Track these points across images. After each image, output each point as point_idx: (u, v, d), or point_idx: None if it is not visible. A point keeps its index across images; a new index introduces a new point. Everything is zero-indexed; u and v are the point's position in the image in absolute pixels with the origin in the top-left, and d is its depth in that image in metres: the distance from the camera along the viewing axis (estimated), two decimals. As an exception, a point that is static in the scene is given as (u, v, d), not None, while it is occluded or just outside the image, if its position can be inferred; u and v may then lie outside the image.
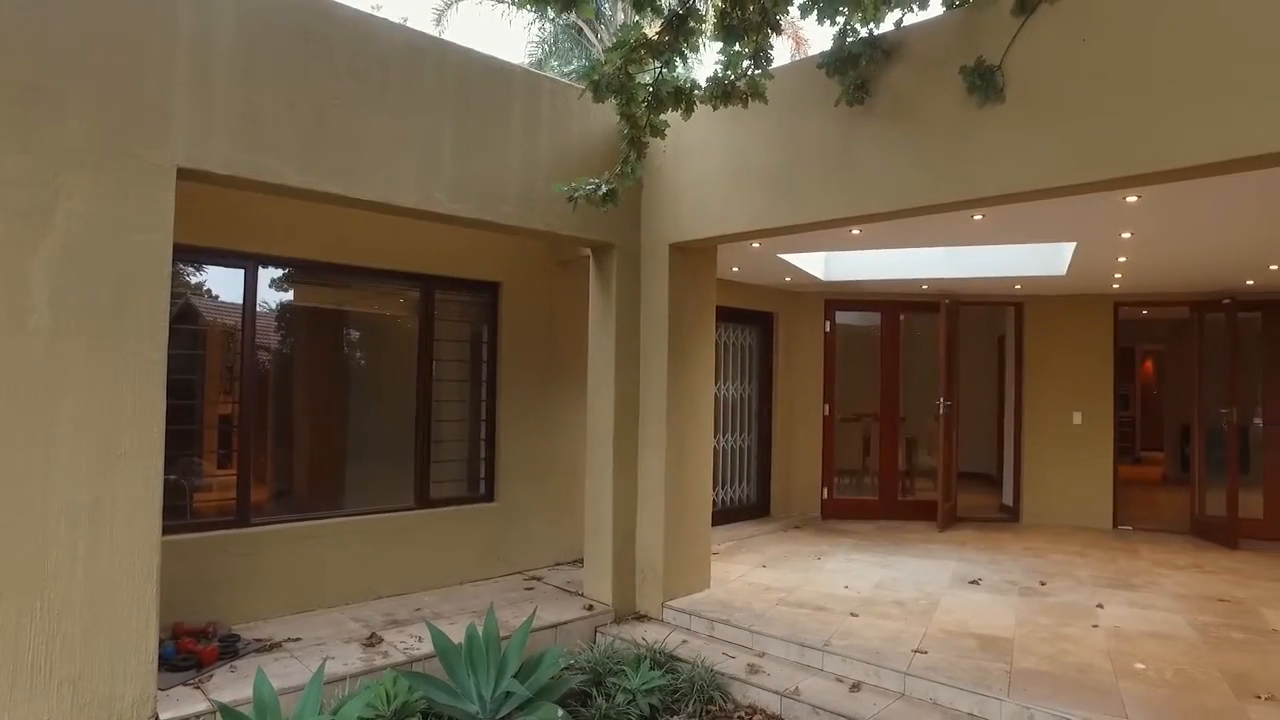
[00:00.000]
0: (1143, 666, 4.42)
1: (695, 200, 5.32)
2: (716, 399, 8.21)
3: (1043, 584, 6.16)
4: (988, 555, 7.18)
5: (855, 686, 4.36)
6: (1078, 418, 8.80)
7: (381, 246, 5.66)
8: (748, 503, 8.70)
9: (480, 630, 4.13)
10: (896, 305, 9.00)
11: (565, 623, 5.22)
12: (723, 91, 4.40)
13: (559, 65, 15.37)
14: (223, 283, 5.24)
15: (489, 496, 6.42)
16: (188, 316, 5.19)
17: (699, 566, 5.82)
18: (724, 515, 8.21)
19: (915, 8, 4.35)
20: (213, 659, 4.19)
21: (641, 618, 5.55)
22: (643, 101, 4.43)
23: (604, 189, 4.49)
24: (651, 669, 4.48)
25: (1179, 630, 5.08)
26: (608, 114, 5.03)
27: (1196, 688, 4.15)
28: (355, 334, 6.34)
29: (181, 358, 5.04)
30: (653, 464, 5.56)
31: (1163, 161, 3.43)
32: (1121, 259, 6.57)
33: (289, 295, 5.70)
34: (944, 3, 4.40)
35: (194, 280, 5.23)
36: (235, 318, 5.19)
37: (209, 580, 4.81)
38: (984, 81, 3.85)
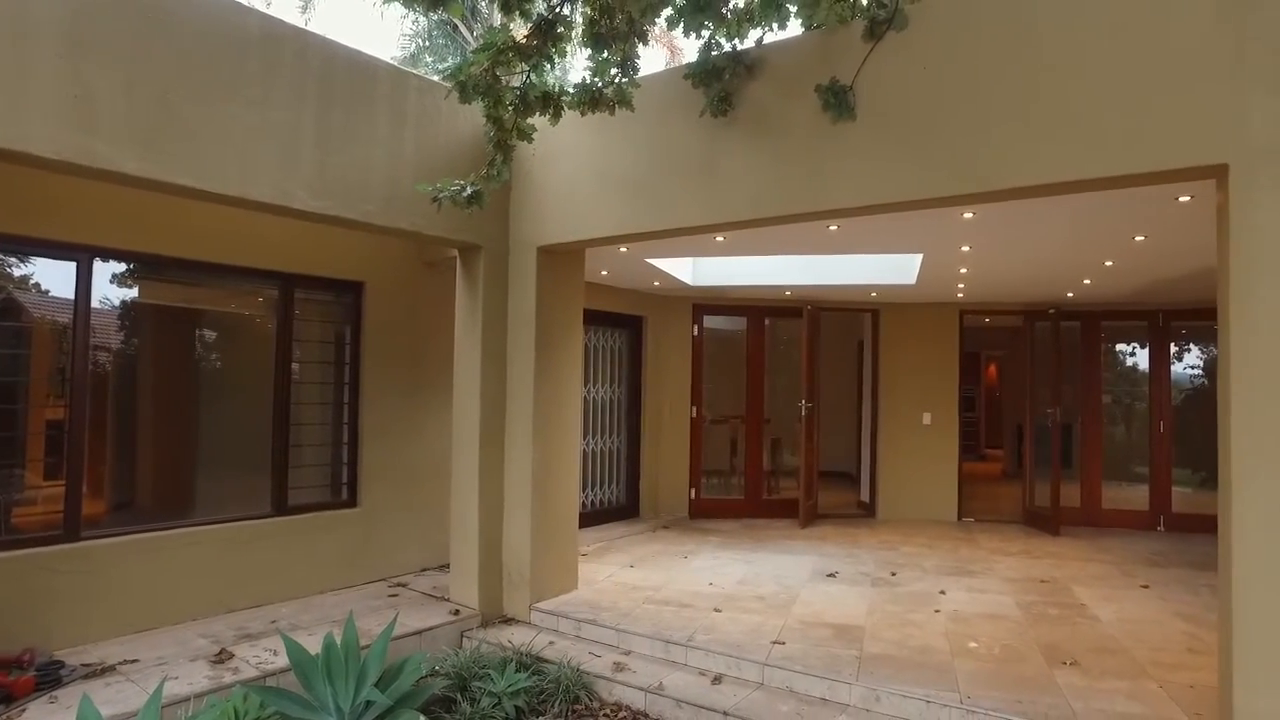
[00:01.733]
0: (975, 645, 4.79)
1: (563, 204, 5.36)
2: (586, 401, 8.27)
3: (893, 574, 6.55)
4: (845, 549, 7.56)
5: (717, 679, 4.51)
6: (927, 418, 9.40)
7: (237, 242, 5.39)
8: (617, 504, 8.80)
9: (339, 639, 4.00)
10: (762, 310, 9.35)
11: (430, 629, 5.13)
12: (591, 98, 4.46)
13: (433, 61, 15.02)
14: (53, 277, 4.83)
15: (351, 502, 6.23)
16: (9, 312, 4.76)
17: (567, 568, 5.85)
18: (593, 517, 8.28)
19: (776, 26, 4.56)
20: (27, 690, 3.87)
21: (509, 621, 5.53)
22: (510, 105, 4.43)
23: (470, 191, 4.45)
24: (517, 671, 4.48)
25: (1007, 610, 5.54)
26: (477, 115, 4.99)
27: (1017, 659, 4.55)
28: (208, 334, 5.99)
29: (1, 358, 4.64)
30: (520, 466, 5.55)
31: (990, 183, 3.76)
32: (963, 270, 7.09)
33: (133, 292, 5.31)
34: (803, 24, 4.63)
35: (18, 273, 4.80)
36: (68, 315, 4.80)
37: (29, 603, 4.42)
38: (837, 100, 4.09)
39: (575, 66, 14.10)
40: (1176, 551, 7.60)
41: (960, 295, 8.71)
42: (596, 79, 4.47)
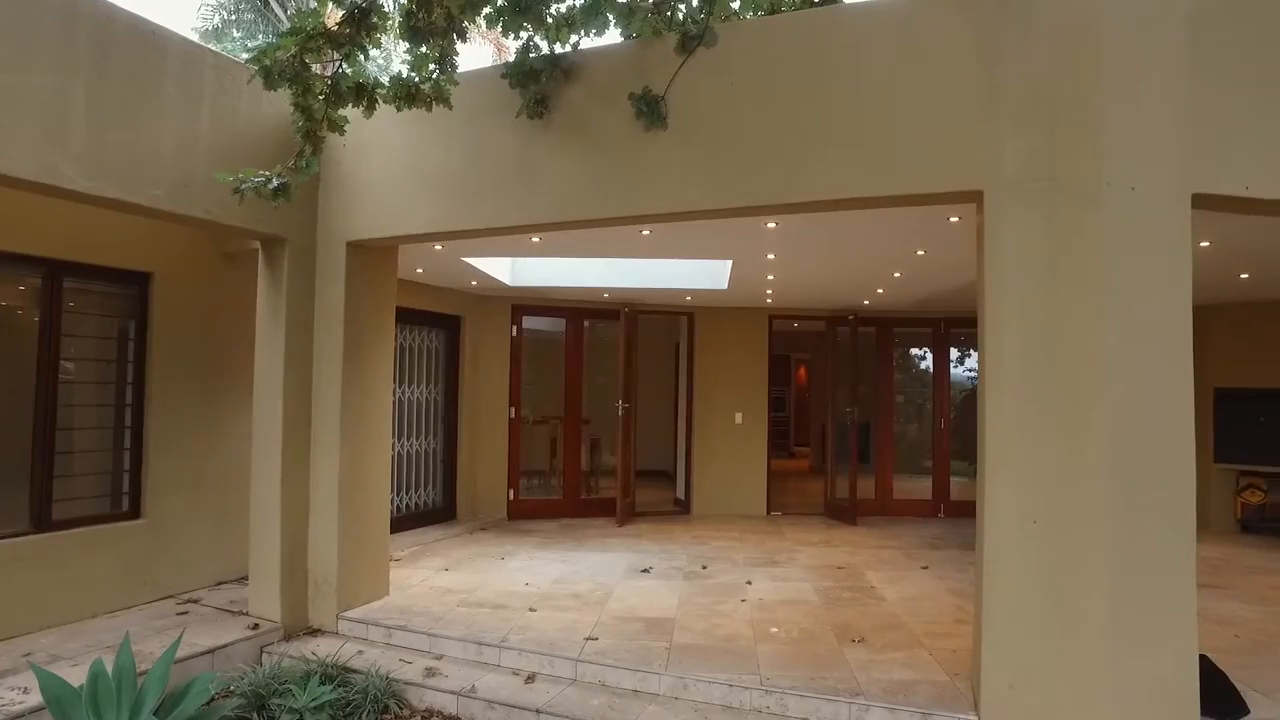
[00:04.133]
0: (776, 630, 5.10)
1: (376, 198, 5.18)
2: (401, 402, 8.03)
3: (704, 568, 6.84)
4: (660, 546, 7.80)
5: (530, 678, 4.53)
6: (739, 418, 9.87)
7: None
8: (433, 507, 8.60)
9: (110, 666, 3.65)
10: (581, 312, 9.46)
11: (224, 646, 4.78)
12: (407, 93, 4.35)
13: (242, 38, 13.99)
14: None
15: (134, 513, 5.68)
16: None
17: (378, 574, 5.65)
18: (408, 521, 8.06)
19: (595, 33, 4.65)
20: None
21: (314, 632, 5.26)
22: (321, 94, 4.23)
23: (275, 183, 4.21)
24: (322, 684, 4.27)
25: (806, 596, 5.94)
26: (284, 100, 4.72)
27: (813, 640, 4.90)
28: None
29: None
30: (327, 470, 5.29)
31: (786, 195, 4.05)
32: (770, 277, 7.53)
33: None
34: (622, 33, 4.76)
35: None
36: None
37: None
38: (649, 109, 4.23)
39: (401, 56, 13.61)
40: (953, 535, 8.46)
41: (769, 301, 9.24)
42: (414, 74, 4.37)
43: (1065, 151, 3.59)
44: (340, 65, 4.20)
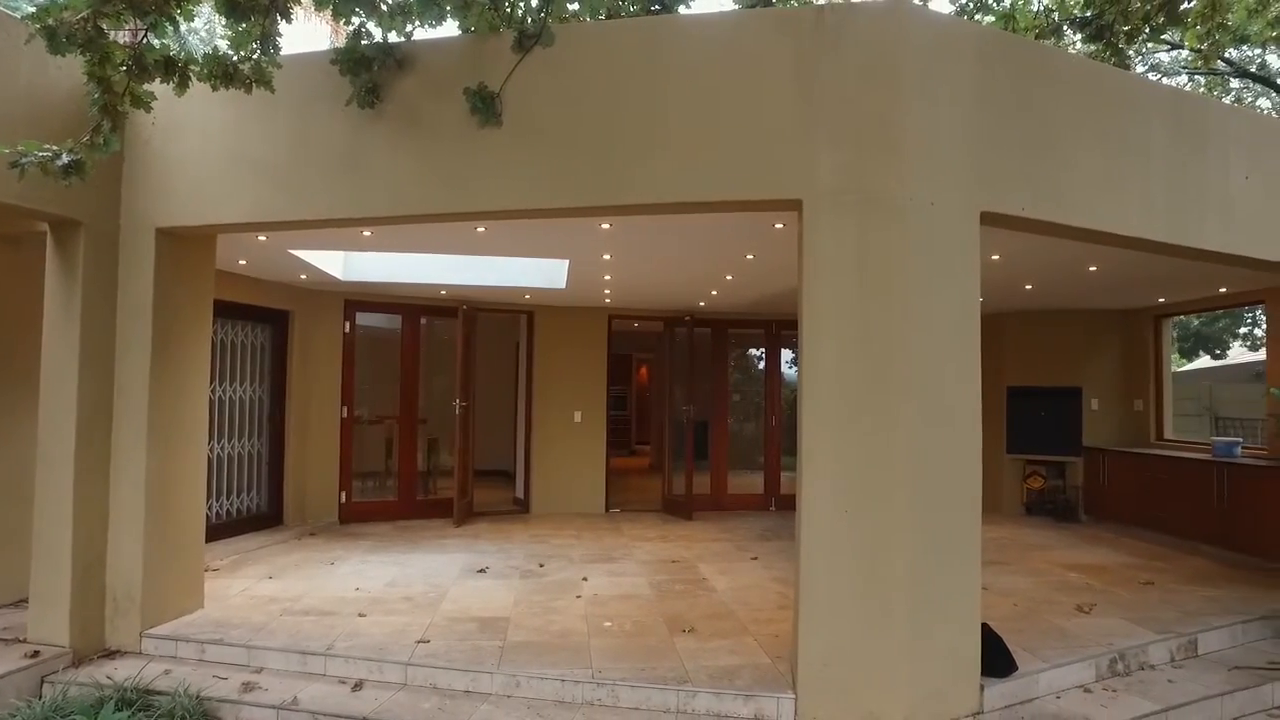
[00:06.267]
0: (610, 624, 5.20)
1: (190, 183, 4.81)
2: (222, 401, 7.53)
3: (541, 566, 6.85)
4: (498, 545, 7.74)
5: (358, 685, 4.37)
6: (578, 416, 9.94)
7: None
8: (257, 512, 8.11)
9: None
10: (418, 309, 9.22)
11: (-4, 678, 4.28)
12: (224, 72, 4.06)
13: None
14: None
15: (-111, 530, 4.99)
16: None
17: (190, 586, 5.26)
18: (229, 528, 7.55)
19: (430, 24, 4.55)
20: None
21: (113, 654, 4.82)
22: (122, 65, 3.88)
23: (67, 159, 3.81)
24: (117, 710, 3.94)
25: (640, 590, 6.09)
26: (78, 68, 4.30)
27: (645, 632, 5.03)
28: None
29: None
30: (131, 477, 4.85)
31: (617, 197, 4.16)
32: (607, 277, 7.65)
33: None
34: (459, 26, 4.68)
35: None
36: None
37: None
38: (484, 105, 4.19)
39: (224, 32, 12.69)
40: (782, 527, 8.91)
41: (608, 300, 9.37)
42: (233, 52, 4.11)
43: (874, 167, 3.90)
44: (144, 35, 3.88)
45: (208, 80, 4.04)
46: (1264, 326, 10.08)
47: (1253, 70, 14.76)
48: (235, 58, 4.09)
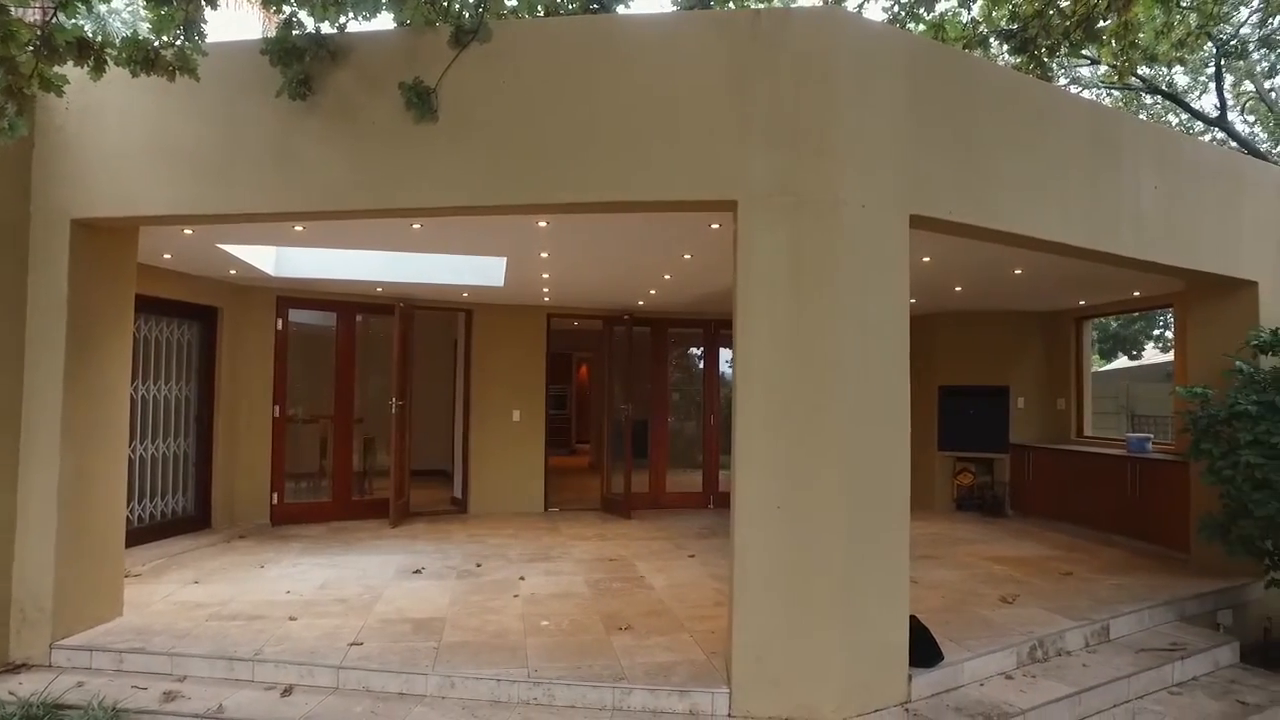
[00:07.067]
0: (547, 623, 5.18)
1: (109, 172, 4.62)
2: (145, 401, 7.27)
3: (478, 565, 6.79)
4: (435, 545, 7.64)
5: (288, 690, 4.27)
6: (516, 415, 9.87)
7: None
8: (184, 515, 7.84)
9: None
10: (353, 306, 9.03)
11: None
12: (144, 57, 3.92)
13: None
14: None
15: None
16: None
17: (108, 593, 5.05)
18: (153, 531, 7.29)
19: (364, 16, 4.46)
20: None
21: (18, 668, 4.57)
22: (28, 44, 3.70)
23: (-36, 143, 3.64)
24: (26, 724, 3.77)
25: (578, 588, 6.08)
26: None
27: (581, 630, 5.03)
28: None
29: None
30: (42, 480, 4.62)
31: (553, 195, 4.17)
32: (545, 275, 7.61)
33: None
34: (394, 19, 4.60)
35: None
36: None
37: None
38: (420, 100, 4.14)
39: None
40: (720, 525, 8.98)
41: (547, 299, 9.33)
42: (155, 37, 3.96)
43: (807, 170, 3.98)
44: (54, 14, 3.70)
45: (126, 65, 3.90)
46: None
47: (1163, 88, 15.56)
48: (157, 43, 3.95)
